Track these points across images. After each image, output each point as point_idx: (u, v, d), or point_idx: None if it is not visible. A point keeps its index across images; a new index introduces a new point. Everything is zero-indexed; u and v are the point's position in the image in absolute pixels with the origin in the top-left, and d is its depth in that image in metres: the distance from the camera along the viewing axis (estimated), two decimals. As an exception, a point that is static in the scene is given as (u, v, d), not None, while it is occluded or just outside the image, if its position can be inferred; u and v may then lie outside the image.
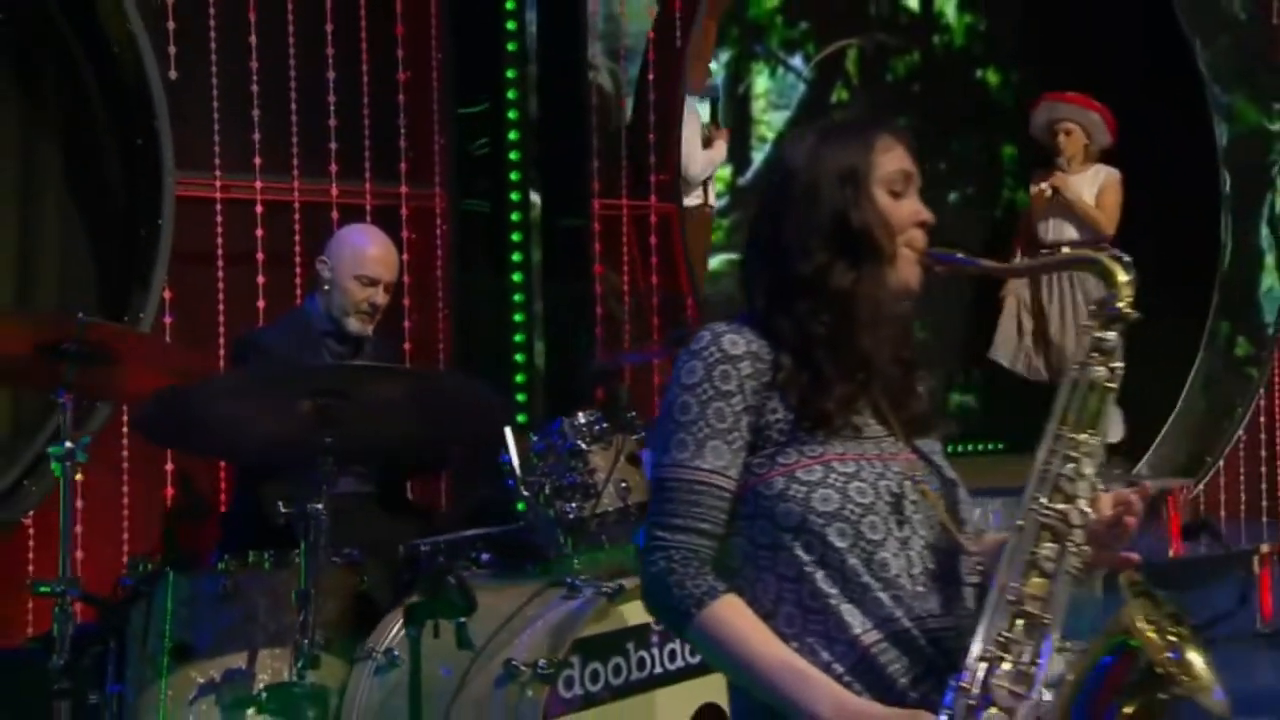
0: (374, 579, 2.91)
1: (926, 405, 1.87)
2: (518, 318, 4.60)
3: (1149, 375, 6.60)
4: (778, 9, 7.04)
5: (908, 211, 1.80)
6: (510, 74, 4.64)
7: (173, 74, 4.04)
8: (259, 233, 4.11)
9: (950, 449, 6.57)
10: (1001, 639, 1.58)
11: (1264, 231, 6.41)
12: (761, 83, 7.03)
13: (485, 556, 3.00)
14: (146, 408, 2.52)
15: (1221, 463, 6.04)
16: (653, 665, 2.69)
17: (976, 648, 1.58)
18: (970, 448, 7.52)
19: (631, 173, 4.83)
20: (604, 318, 4.71)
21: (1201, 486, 5.99)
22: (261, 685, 2.45)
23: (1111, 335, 1.72)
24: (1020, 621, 1.59)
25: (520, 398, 4.57)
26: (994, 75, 7.71)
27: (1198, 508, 5.96)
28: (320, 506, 2.33)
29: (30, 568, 3.78)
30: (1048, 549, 1.62)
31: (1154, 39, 6.66)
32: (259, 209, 4.13)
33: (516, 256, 4.63)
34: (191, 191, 4.07)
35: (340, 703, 2.69)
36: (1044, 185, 5.92)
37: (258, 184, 4.14)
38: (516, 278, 4.62)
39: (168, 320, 4.00)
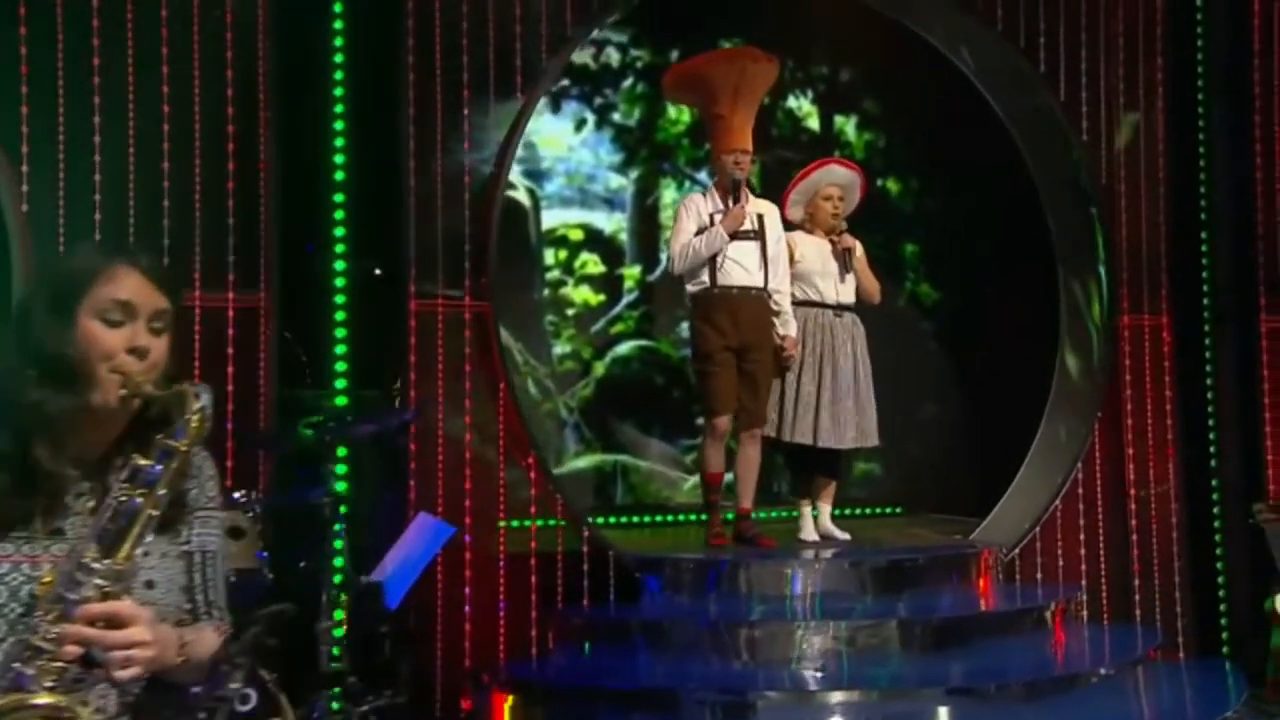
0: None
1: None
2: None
3: (1003, 440, 6.23)
4: (684, 134, 6.89)
5: (116, 340, 1.69)
6: (338, 198, 4.63)
7: (24, 207, 4.15)
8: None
9: (854, 513, 6.26)
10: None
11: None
12: (669, 194, 6.89)
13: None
14: None
15: (1038, 530, 5.57)
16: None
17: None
18: (873, 511, 7.18)
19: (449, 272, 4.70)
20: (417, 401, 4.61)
21: (1016, 552, 5.52)
22: None
23: (158, 467, 1.55)
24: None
25: (341, 487, 4.50)
26: (894, 184, 7.38)
27: (1012, 569, 5.51)
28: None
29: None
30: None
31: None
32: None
33: (340, 350, 4.60)
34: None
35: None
36: (845, 239, 5.34)
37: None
38: (340, 367, 4.59)
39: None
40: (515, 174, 6.51)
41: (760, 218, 5.19)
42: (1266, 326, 5.88)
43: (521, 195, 6.48)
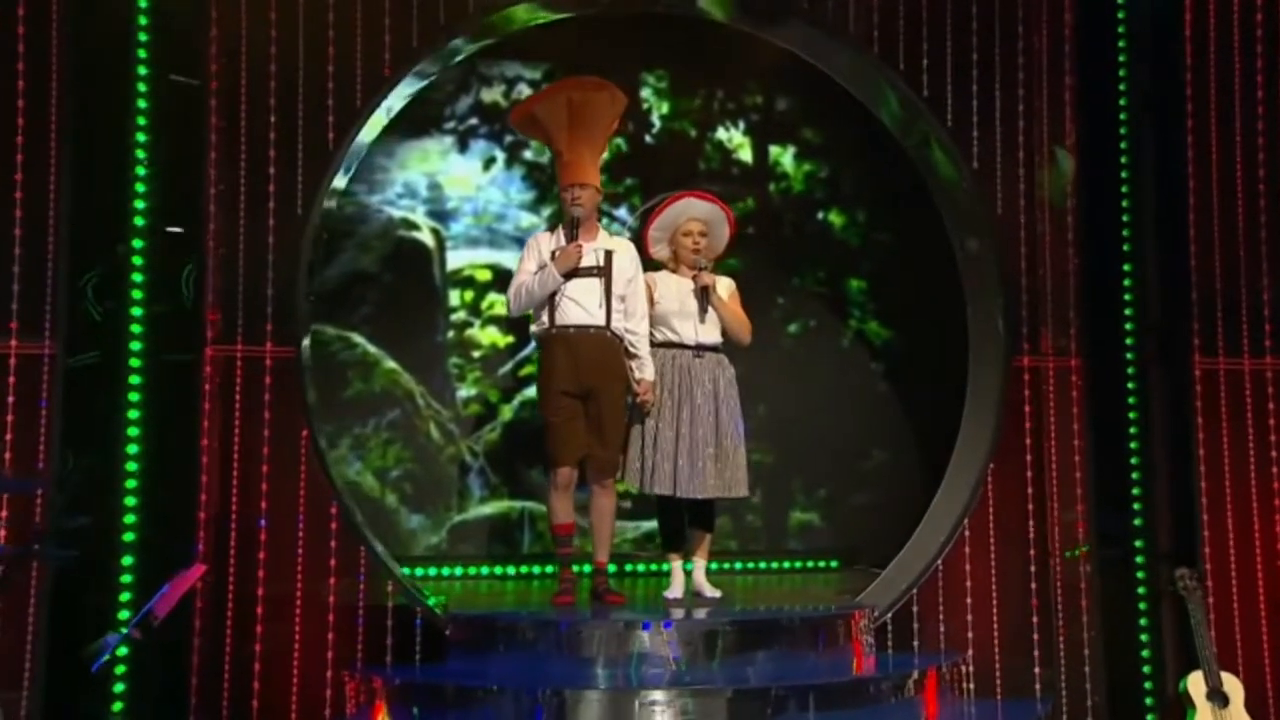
0: None
1: None
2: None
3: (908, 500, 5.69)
4: (601, 169, 6.52)
5: None
6: (136, 244, 4.48)
7: None
8: None
9: (788, 566, 5.79)
10: None
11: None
12: (586, 231, 6.53)
13: None
14: None
15: (915, 592, 4.99)
16: None
17: None
18: (807, 565, 6.65)
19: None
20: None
21: (889, 615, 4.94)
22: None
23: None
24: None
25: (128, 537, 4.35)
26: (837, 216, 6.86)
27: (892, 633, 4.95)
28: None
29: None
30: None
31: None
32: None
33: (134, 396, 4.44)
34: None
35: None
36: (702, 277, 4.85)
37: None
38: (132, 414, 4.42)
39: None
40: (419, 214, 6.29)
41: (608, 254, 4.84)
42: (1201, 369, 5.16)
43: (425, 236, 6.25)
